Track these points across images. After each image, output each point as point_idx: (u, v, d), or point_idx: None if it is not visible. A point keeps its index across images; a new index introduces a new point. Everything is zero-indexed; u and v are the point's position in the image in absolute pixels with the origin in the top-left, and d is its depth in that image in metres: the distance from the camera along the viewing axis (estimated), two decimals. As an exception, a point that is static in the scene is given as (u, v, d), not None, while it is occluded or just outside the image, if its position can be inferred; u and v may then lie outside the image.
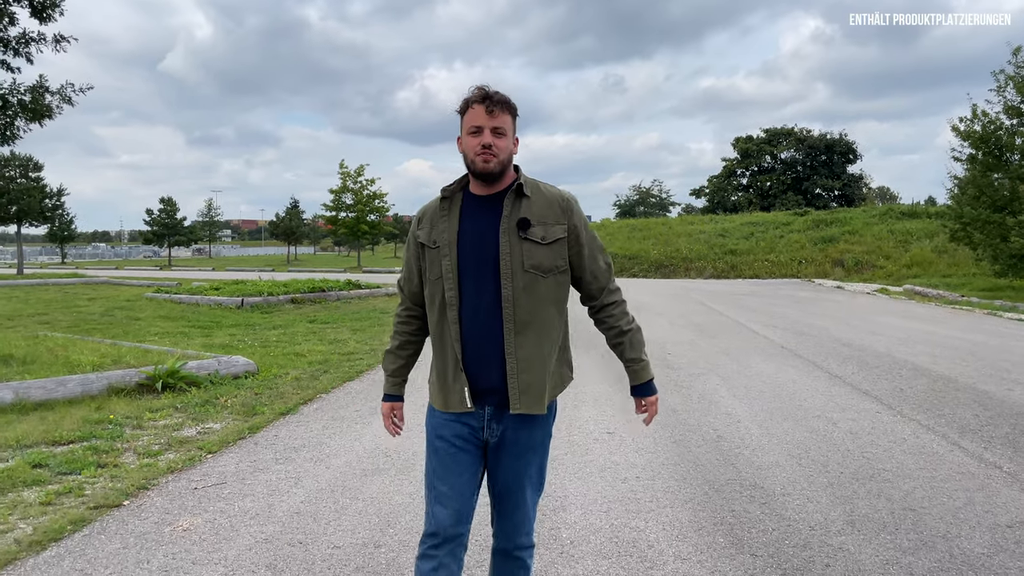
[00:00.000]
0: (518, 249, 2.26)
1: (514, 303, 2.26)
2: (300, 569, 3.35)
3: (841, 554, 3.44)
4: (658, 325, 12.83)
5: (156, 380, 7.21)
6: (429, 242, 2.37)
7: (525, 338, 2.27)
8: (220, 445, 5.43)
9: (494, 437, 2.35)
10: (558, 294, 2.34)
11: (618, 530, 3.76)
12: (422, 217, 2.45)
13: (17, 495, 4.39)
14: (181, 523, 3.93)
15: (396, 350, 2.58)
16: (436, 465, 2.37)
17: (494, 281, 2.27)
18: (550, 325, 2.33)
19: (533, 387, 2.29)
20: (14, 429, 5.80)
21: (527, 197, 2.31)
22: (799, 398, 6.77)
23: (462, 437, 2.35)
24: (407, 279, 2.52)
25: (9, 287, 25.04)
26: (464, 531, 2.34)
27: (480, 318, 2.28)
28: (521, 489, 2.39)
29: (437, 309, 2.35)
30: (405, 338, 2.57)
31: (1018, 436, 5.45)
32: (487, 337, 2.27)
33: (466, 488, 2.34)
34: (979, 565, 3.32)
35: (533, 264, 2.27)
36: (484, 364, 2.30)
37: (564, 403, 6.71)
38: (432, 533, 2.31)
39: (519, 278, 2.26)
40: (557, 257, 2.31)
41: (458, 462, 2.34)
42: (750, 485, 4.40)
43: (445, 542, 2.30)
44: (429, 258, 2.37)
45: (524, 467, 2.37)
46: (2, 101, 8.55)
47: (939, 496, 4.20)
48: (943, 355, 9.20)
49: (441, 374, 2.37)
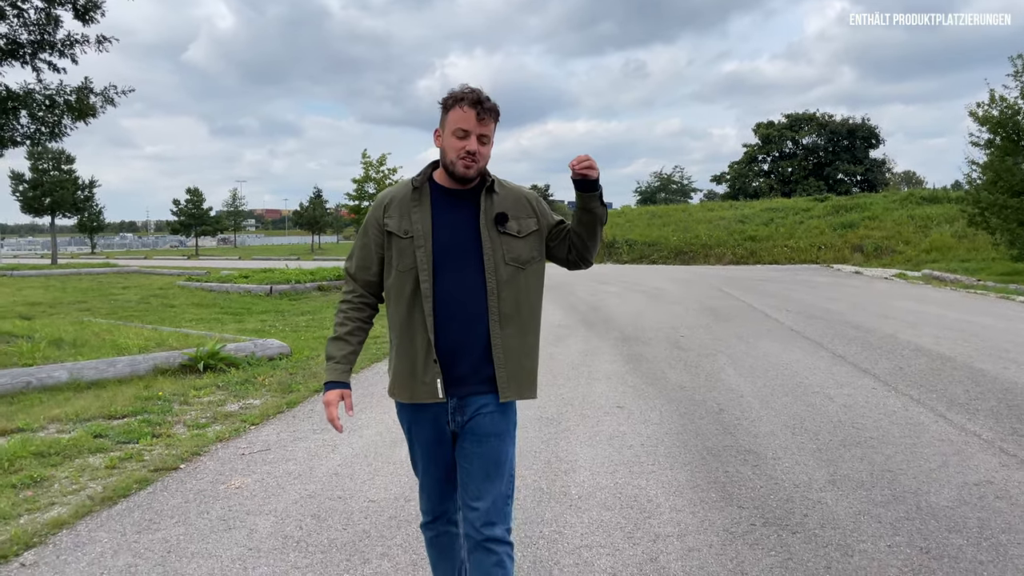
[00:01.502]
0: (498, 243, 2.32)
1: (499, 295, 2.30)
2: (341, 518, 3.83)
3: (819, 507, 3.86)
4: (673, 310, 13.22)
5: (198, 361, 7.73)
6: (400, 231, 2.34)
7: (509, 329, 2.33)
8: (261, 418, 5.93)
9: (457, 427, 2.38)
10: (536, 285, 2.41)
11: (622, 488, 4.20)
12: (388, 204, 2.41)
13: (84, 460, 4.91)
14: (233, 482, 4.42)
15: (346, 336, 2.48)
16: (416, 458, 2.51)
17: (476, 274, 2.30)
18: (530, 315, 2.39)
19: (520, 374, 2.36)
20: (72, 405, 6.33)
21: (497, 193, 2.37)
22: (801, 376, 7.16)
23: (435, 430, 2.41)
24: (362, 267, 2.46)
25: (45, 276, 25.89)
26: (450, 507, 2.53)
27: (456, 310, 2.30)
28: (488, 478, 2.37)
29: (407, 299, 2.34)
30: (356, 324, 2.50)
31: (1002, 409, 5.81)
32: (467, 329, 2.30)
33: (443, 474, 2.47)
34: (941, 516, 3.72)
35: (513, 257, 2.34)
36: (459, 355, 2.31)
37: (578, 379, 7.15)
38: (425, 510, 2.56)
39: (502, 271, 2.31)
40: (532, 249, 2.39)
41: (433, 455, 2.45)
42: (745, 451, 4.83)
43: (437, 517, 2.54)
44: (398, 248, 2.35)
45: (489, 453, 2.36)
46: (50, 101, 9.09)
47: (917, 459, 4.60)
48: (947, 336, 9.52)
49: (408, 366, 2.35)
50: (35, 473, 4.55)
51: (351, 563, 3.31)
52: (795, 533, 3.54)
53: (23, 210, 34.74)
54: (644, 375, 7.36)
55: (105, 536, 3.65)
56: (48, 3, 8.86)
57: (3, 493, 4.23)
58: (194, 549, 3.48)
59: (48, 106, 9.08)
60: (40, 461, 4.80)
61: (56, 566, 3.32)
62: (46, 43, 8.82)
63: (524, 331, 2.37)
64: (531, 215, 2.40)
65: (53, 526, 3.76)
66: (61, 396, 6.72)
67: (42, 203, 34.38)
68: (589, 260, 2.47)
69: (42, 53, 8.90)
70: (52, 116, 9.01)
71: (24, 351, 8.33)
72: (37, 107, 9.10)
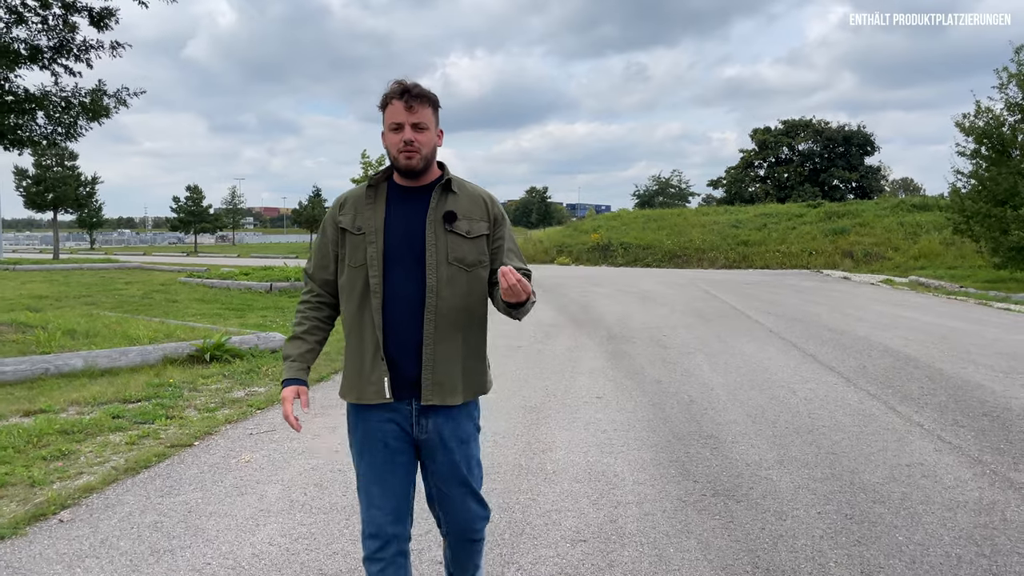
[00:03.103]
0: (443, 241, 2.28)
1: (437, 294, 2.27)
2: (340, 486, 4.31)
3: (765, 481, 4.35)
4: (660, 311, 13.72)
5: (205, 352, 8.21)
6: (353, 228, 2.34)
7: (444, 331, 2.28)
8: (266, 403, 6.41)
9: (424, 434, 2.34)
10: (480, 290, 2.36)
11: (592, 465, 4.69)
12: (344, 203, 2.42)
13: (105, 438, 5.38)
14: (243, 457, 4.90)
15: (304, 335, 2.46)
16: (367, 469, 2.36)
17: (418, 271, 2.27)
18: (470, 320, 2.35)
19: (448, 380, 2.29)
20: (88, 390, 6.80)
21: (454, 193, 2.35)
22: (770, 372, 7.65)
23: (393, 436, 2.33)
24: (320, 266, 2.46)
25: (48, 271, 26.31)
26: (404, 529, 2.36)
27: (403, 308, 2.28)
28: (463, 483, 2.38)
29: (357, 297, 2.32)
30: (315, 323, 2.48)
31: (950, 403, 6.30)
32: (409, 327, 2.27)
33: (400, 488, 2.34)
34: (870, 490, 4.21)
35: (457, 257, 2.29)
36: (406, 355, 2.28)
37: (562, 373, 7.64)
38: (372, 535, 2.33)
39: (443, 269, 2.28)
40: (480, 252, 2.34)
41: (391, 463, 2.33)
42: (707, 436, 5.32)
43: (387, 544, 2.32)
44: (351, 244, 2.34)
45: (460, 459, 2.36)
46: (66, 103, 9.57)
47: (860, 445, 5.09)
48: (916, 339, 10.01)
49: (357, 365, 2.33)
50: (62, 447, 5.03)
51: (349, 523, 3.78)
52: (739, 502, 4.03)
53: (26, 205, 35.18)
54: (625, 370, 7.84)
55: (132, 499, 4.12)
56: (66, 10, 9.34)
57: (35, 464, 4.70)
58: (212, 510, 3.96)
59: (64, 107, 9.56)
60: (65, 438, 5.27)
61: (91, 522, 3.79)
62: (64, 48, 9.29)
63: (459, 335, 2.32)
64: (484, 218, 2.37)
65: (84, 491, 4.24)
66: (77, 382, 7.19)
67: (45, 199, 34.83)
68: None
69: (60, 58, 9.38)
70: (68, 117, 9.48)
71: (41, 340, 8.81)
72: (53, 109, 9.58)
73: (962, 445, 5.08)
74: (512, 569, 3.25)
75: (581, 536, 3.59)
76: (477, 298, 2.35)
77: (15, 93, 9.24)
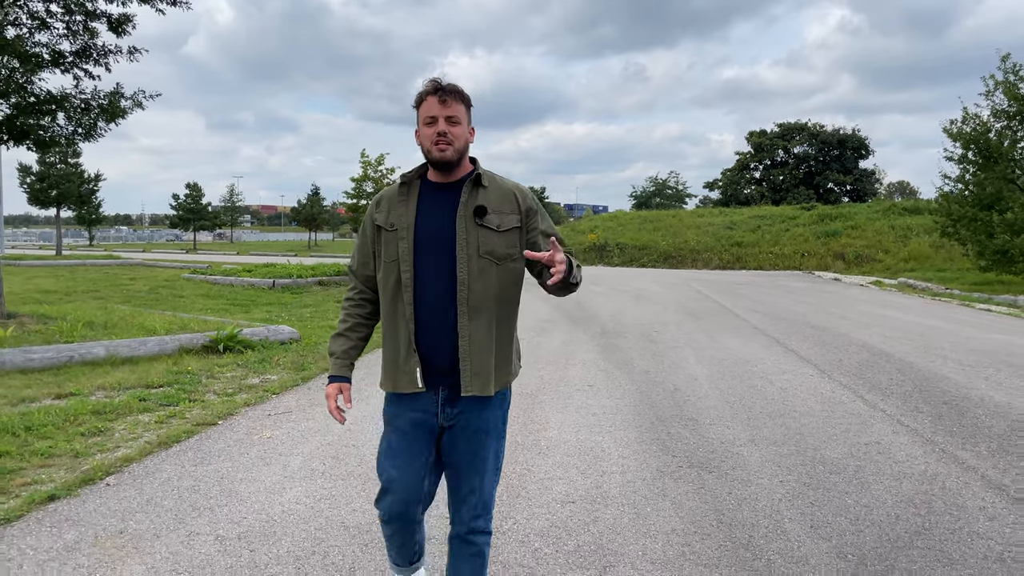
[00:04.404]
0: (474, 235, 2.34)
1: (468, 288, 2.33)
2: (355, 458, 4.79)
3: (735, 456, 4.85)
4: (653, 309, 14.22)
5: (219, 342, 8.69)
6: (386, 224, 2.43)
7: (477, 322, 2.35)
8: (280, 389, 6.89)
9: (448, 421, 2.41)
10: (511, 282, 2.42)
11: (582, 442, 5.18)
12: (380, 200, 2.51)
13: (135, 418, 5.85)
14: (265, 434, 5.38)
15: (347, 332, 2.59)
16: (386, 449, 2.48)
17: (450, 265, 2.34)
18: (501, 311, 2.41)
19: (484, 370, 2.36)
20: (112, 376, 7.27)
21: (484, 187, 2.40)
22: (751, 364, 8.16)
23: (415, 423, 2.42)
24: (362, 263, 2.56)
25: (52, 267, 26.75)
26: (415, 511, 2.47)
27: (435, 301, 2.35)
28: (477, 473, 2.43)
29: (391, 290, 2.41)
30: (357, 320, 2.59)
31: (915, 392, 6.81)
32: (441, 320, 2.35)
33: (416, 473, 2.42)
34: (829, 463, 4.72)
35: (488, 251, 2.35)
36: (437, 346, 2.36)
37: (557, 363, 8.13)
38: (385, 510, 2.48)
39: (474, 263, 2.34)
40: (511, 246, 2.40)
41: (409, 448, 2.42)
42: (687, 418, 5.82)
43: (396, 519, 2.48)
44: (385, 240, 2.44)
45: (478, 449, 2.42)
46: (86, 105, 10.04)
47: (826, 427, 5.59)
48: (895, 336, 10.52)
49: (392, 356, 2.43)
50: (97, 425, 5.50)
51: (364, 488, 4.27)
52: (711, 472, 4.53)
53: (30, 202, 35.61)
54: (616, 362, 8.34)
55: (169, 467, 4.61)
56: (86, 17, 9.81)
57: (75, 439, 5.18)
58: (242, 476, 4.45)
59: (83, 109, 10.02)
60: (98, 417, 5.74)
61: (135, 486, 4.27)
62: (86, 53, 9.76)
63: (493, 326, 2.39)
64: (515, 211, 2.42)
65: (124, 461, 4.72)
66: (100, 369, 7.66)
67: (49, 195, 35.29)
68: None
69: (81, 62, 9.85)
70: (88, 119, 9.95)
71: (63, 330, 9.28)
72: (73, 110, 10.05)
73: (918, 428, 5.59)
74: (509, 523, 3.75)
75: (570, 499, 4.09)
76: (508, 290, 2.42)
77: (37, 95, 9.71)
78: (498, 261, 2.37)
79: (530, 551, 3.43)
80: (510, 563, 3.31)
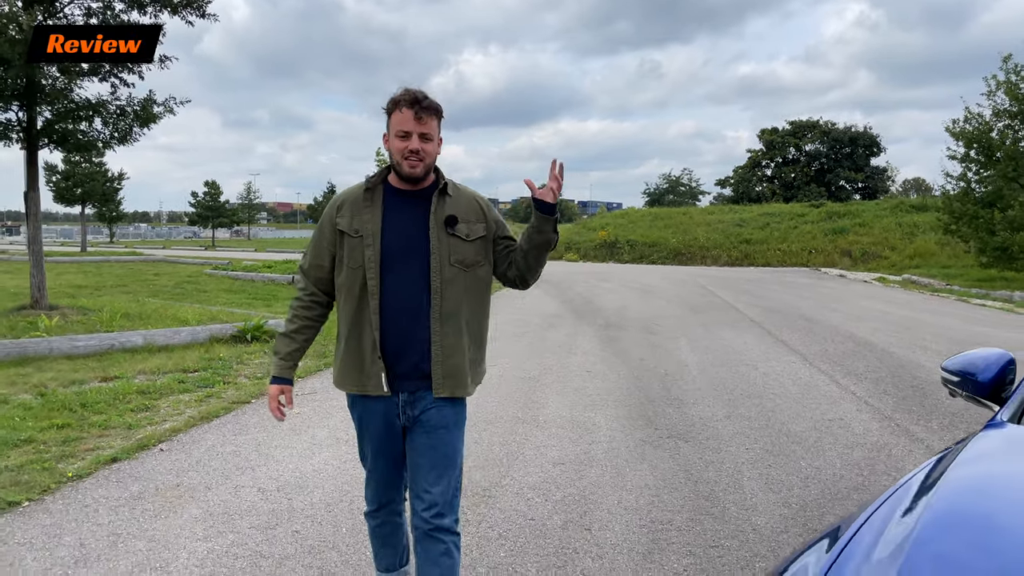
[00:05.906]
0: (445, 244, 2.39)
1: (441, 295, 2.38)
2: (374, 430, 5.44)
3: (711, 429, 5.47)
4: (657, 304, 14.82)
5: (247, 332, 9.37)
6: (350, 230, 2.42)
7: (449, 327, 2.40)
8: (305, 374, 7.55)
9: (409, 422, 2.46)
10: (480, 288, 2.49)
11: (576, 417, 5.81)
12: (341, 204, 2.48)
13: (177, 397, 6.53)
14: (294, 410, 6.04)
15: (293, 333, 2.59)
16: (365, 444, 2.61)
17: (421, 273, 2.38)
18: (471, 317, 2.48)
19: (456, 373, 2.43)
20: (151, 362, 7.96)
21: (450, 196, 2.44)
22: (740, 353, 8.75)
23: (384, 421, 2.49)
24: (316, 265, 2.54)
25: (78, 263, 27.63)
26: (396, 496, 2.68)
27: (402, 308, 2.39)
28: (435, 469, 2.44)
29: (356, 297, 2.41)
30: (305, 323, 2.59)
31: (888, 378, 7.39)
32: (410, 326, 2.39)
33: (391, 468, 2.59)
34: (793, 435, 5.33)
35: (458, 259, 2.41)
36: (403, 352, 2.40)
37: (559, 353, 8.75)
38: (370, 497, 2.69)
39: (446, 271, 2.39)
40: (479, 253, 2.46)
41: (384, 449, 2.55)
42: (673, 399, 6.44)
43: (381, 507, 2.68)
44: (348, 246, 2.43)
45: (437, 444, 2.44)
46: (121, 111, 10.76)
47: (798, 407, 6.19)
48: (884, 329, 11.08)
49: (357, 360, 2.45)
50: (144, 403, 6.18)
51: (383, 453, 4.91)
52: (687, 442, 5.15)
53: (55, 200, 36.64)
54: (614, 351, 8.96)
55: (211, 436, 5.28)
56: (121, 28, 10.50)
57: (126, 414, 5.86)
58: (276, 443, 5.11)
59: (119, 115, 10.73)
60: (144, 396, 6.42)
61: (184, 450, 4.94)
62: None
63: (463, 331, 2.44)
64: (481, 220, 2.49)
65: (172, 431, 5.39)
66: (139, 356, 8.35)
67: (74, 193, 36.27)
68: (528, 282, 2.55)
69: (117, 70, 10.55)
70: (124, 123, 10.66)
71: (104, 320, 10.00)
72: (109, 116, 10.76)
73: (881, 407, 6.18)
74: (507, 479, 4.38)
75: (560, 461, 4.72)
76: (477, 296, 2.49)
77: (77, 102, 10.42)
78: (467, 268, 2.44)
79: (524, 499, 4.07)
80: (506, 509, 3.94)
